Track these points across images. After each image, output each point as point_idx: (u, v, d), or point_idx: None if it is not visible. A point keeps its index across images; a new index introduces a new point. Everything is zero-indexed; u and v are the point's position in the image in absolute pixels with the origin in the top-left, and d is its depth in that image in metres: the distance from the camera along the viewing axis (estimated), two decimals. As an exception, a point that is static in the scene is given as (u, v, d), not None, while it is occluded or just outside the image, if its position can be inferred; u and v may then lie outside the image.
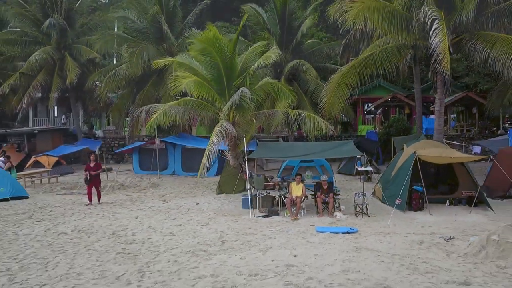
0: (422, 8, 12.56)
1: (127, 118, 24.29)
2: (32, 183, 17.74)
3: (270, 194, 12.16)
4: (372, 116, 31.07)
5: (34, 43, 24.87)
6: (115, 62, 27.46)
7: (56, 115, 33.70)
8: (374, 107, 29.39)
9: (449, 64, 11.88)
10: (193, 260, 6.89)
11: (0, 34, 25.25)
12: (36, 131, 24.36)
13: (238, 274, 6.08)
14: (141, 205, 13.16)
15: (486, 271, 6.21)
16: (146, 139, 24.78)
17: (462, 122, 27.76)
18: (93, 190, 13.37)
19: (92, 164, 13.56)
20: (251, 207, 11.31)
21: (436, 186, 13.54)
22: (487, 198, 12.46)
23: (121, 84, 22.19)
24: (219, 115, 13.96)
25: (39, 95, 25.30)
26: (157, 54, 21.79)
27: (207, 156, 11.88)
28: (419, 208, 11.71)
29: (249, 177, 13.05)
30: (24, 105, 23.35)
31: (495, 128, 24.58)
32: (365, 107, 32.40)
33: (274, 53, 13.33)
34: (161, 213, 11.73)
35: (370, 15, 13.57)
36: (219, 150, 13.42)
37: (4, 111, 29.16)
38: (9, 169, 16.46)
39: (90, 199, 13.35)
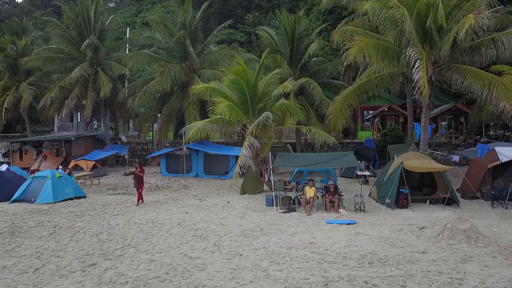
0: (408, 48, 16.10)
1: (155, 125, 27.68)
2: (82, 184, 21.25)
3: (287, 195, 15.72)
4: (370, 123, 34.65)
5: (70, 60, 28.35)
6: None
7: (78, 120, 37.21)
8: (372, 116, 32.90)
9: (427, 95, 15.43)
10: (247, 240, 10.43)
11: (41, 51, 28.72)
12: (73, 138, 27.81)
13: (280, 247, 9.62)
14: (183, 203, 16.68)
15: (439, 246, 9.74)
16: (167, 144, 28.35)
17: (450, 130, 31.34)
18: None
19: (138, 171, 17.02)
20: (274, 205, 14.88)
21: (421, 188, 17.13)
22: (460, 199, 16.07)
23: (150, 98, 25.64)
24: (245, 131, 17.52)
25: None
26: (181, 71, 25.35)
27: (240, 165, 15.45)
28: (405, 206, 15.26)
29: (267, 181, 16.64)
30: (63, 115, 26.85)
31: (478, 137, 28.15)
32: (364, 114, 36.00)
33: (290, 84, 17.04)
34: (204, 210, 15.25)
35: (368, 50, 17.12)
36: (238, 156, 16.95)
37: (38, 119, 32.76)
38: (69, 174, 19.93)
39: (139, 200, 16.78)
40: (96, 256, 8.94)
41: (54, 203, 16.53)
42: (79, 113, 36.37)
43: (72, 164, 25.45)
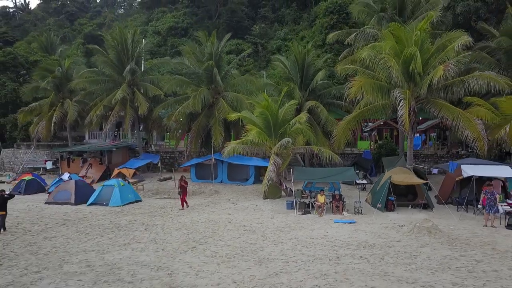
0: (395, 89, 21.48)
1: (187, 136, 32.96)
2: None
3: (303, 201, 21.12)
4: (368, 134, 40.11)
5: (110, 81, 33.66)
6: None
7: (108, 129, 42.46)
8: (370, 129, 38.35)
9: (408, 125, 20.84)
10: (281, 233, 15.78)
11: (86, 73, 34.04)
12: (114, 149, 33.17)
13: (305, 238, 15.00)
14: (222, 206, 22.02)
15: (410, 238, 15.12)
16: (193, 155, 33.72)
17: (438, 142, 36.82)
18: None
19: (183, 183, 22.24)
20: (295, 208, 20.30)
21: (406, 195, 22.58)
22: (436, 204, 21.49)
23: (182, 116, 30.94)
24: (269, 151, 22.94)
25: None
26: (208, 94, 30.69)
27: (267, 178, 20.86)
28: (392, 210, 20.66)
29: (284, 189, 22.04)
30: (107, 129, 32.20)
31: (460, 149, 33.63)
32: (363, 126, 41.43)
33: (305, 115, 22.36)
34: (240, 211, 20.60)
35: (365, 88, 22.53)
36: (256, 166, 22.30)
37: (74, 128, 38.11)
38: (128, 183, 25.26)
39: (182, 205, 22.00)
40: (191, 242, 14.31)
41: (122, 206, 21.91)
42: (105, 123, 41.72)
43: (115, 172, 30.82)
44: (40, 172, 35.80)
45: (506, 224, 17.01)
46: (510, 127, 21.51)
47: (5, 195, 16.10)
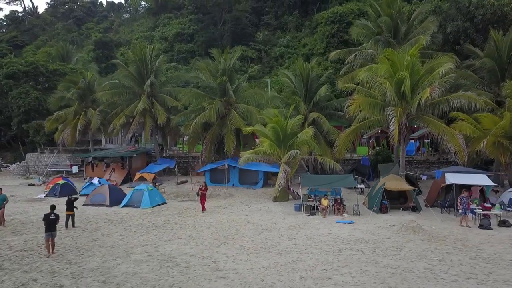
0: (388, 108, 25.19)
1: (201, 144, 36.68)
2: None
3: (309, 204, 24.84)
4: (366, 141, 43.85)
5: (131, 93, 37.33)
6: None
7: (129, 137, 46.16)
8: (368, 136, 42.09)
9: (397, 140, 24.58)
10: (293, 231, 19.48)
11: (107, 85, 37.73)
12: (135, 155, 36.89)
13: (313, 235, 18.71)
14: (239, 208, 25.69)
15: (398, 236, 18.83)
16: (206, 160, 37.40)
17: (430, 149, 40.56)
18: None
19: (203, 188, 25.87)
20: (302, 210, 24.02)
21: (398, 199, 26.34)
22: (424, 207, 25.24)
23: (198, 126, 34.60)
24: (278, 159, 26.66)
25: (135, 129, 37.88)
26: (221, 105, 34.37)
27: (278, 184, 24.62)
28: (385, 212, 24.38)
29: (291, 192, 25.82)
30: (129, 138, 35.90)
31: (449, 156, 37.37)
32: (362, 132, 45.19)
33: (311, 130, 26.08)
34: (255, 213, 24.30)
35: (363, 106, 26.26)
36: (265, 171, 26.22)
37: (94, 136, 41.75)
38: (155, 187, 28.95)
39: (203, 208, 25.62)
40: (222, 238, 18.01)
41: (151, 207, 25.60)
42: (122, 129, 45.42)
43: (137, 176, 34.54)
44: (63, 175, 39.47)
45: (478, 225, 20.76)
46: (487, 141, 25.30)
47: (72, 199, 19.78)
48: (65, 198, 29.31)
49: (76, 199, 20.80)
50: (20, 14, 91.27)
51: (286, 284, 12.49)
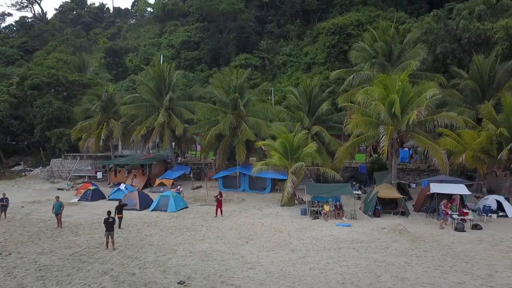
0: (380, 126, 29.70)
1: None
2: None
3: (313, 209, 29.35)
4: (363, 149, 48.38)
5: (150, 106, 41.78)
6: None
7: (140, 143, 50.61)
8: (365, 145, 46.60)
9: (386, 154, 29.18)
10: (301, 233, 23.95)
11: (128, 98, 42.22)
12: (154, 162, 41.38)
13: (318, 236, 23.20)
14: (251, 212, 30.17)
15: (387, 237, 23.31)
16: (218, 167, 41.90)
17: (423, 157, 45.12)
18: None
19: (219, 197, 30.29)
20: (307, 214, 28.54)
21: (390, 204, 30.88)
22: (412, 212, 29.77)
23: (212, 137, 39.06)
24: (285, 170, 31.18)
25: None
26: (233, 118, 38.84)
27: (287, 191, 29.17)
28: (378, 216, 28.88)
29: (297, 198, 30.40)
30: (149, 147, 40.39)
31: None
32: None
33: (314, 145, 30.59)
34: (266, 216, 28.75)
35: (359, 124, 30.80)
36: (272, 178, 30.88)
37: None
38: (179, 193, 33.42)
39: (221, 213, 30.00)
40: (244, 239, 22.49)
41: (177, 211, 30.07)
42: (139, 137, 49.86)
43: (157, 182, 39.03)
44: (86, 180, 43.93)
45: (454, 228, 25.30)
46: (466, 155, 29.88)
47: (122, 204, 24.25)
48: (97, 202, 34.23)
49: (125, 204, 25.27)
50: (29, 20, 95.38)
51: (299, 273, 16.99)
